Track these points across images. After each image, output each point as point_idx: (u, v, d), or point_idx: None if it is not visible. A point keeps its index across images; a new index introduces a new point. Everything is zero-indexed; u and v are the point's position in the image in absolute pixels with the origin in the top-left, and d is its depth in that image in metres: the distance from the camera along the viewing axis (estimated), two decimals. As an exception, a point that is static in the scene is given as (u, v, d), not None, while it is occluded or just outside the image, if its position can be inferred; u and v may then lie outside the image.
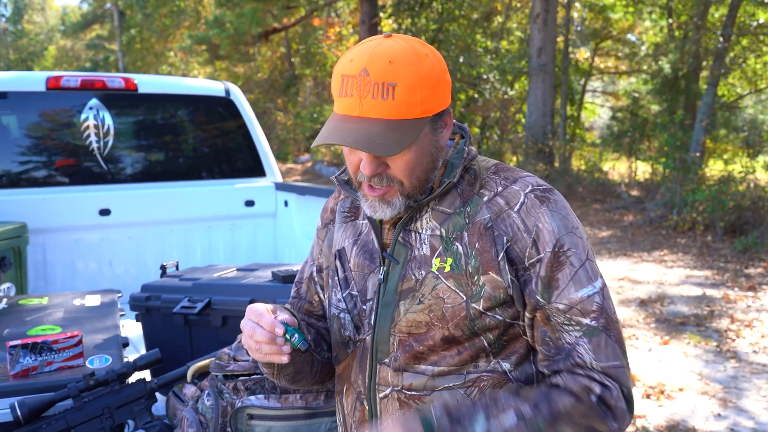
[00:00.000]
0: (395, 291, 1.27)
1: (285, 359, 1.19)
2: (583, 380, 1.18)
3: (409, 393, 1.26)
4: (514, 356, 1.26)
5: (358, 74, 1.17)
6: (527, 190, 1.25)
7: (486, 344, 1.24)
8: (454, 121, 1.38)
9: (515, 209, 1.23)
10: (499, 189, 1.26)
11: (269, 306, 1.23)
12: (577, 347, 1.19)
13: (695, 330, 6.07)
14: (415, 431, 1.13)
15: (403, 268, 1.27)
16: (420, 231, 1.28)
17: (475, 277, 1.21)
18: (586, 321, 1.19)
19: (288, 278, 2.33)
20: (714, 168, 14.32)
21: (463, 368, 1.24)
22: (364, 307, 1.32)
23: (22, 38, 44.54)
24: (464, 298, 1.21)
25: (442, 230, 1.26)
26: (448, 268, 1.23)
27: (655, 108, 17.70)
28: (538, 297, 1.21)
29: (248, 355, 1.93)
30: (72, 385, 1.92)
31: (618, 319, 1.25)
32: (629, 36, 20.37)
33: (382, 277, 1.29)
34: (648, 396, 4.65)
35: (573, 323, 1.20)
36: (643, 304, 6.95)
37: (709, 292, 7.34)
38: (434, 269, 1.24)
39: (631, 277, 8.12)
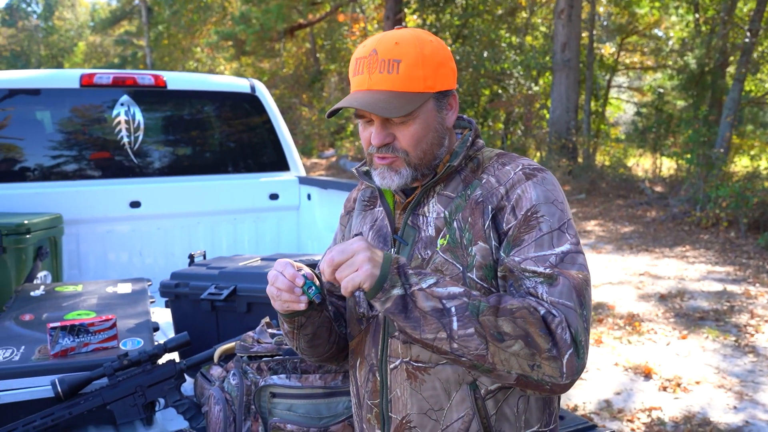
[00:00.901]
0: None
1: (302, 306, 1.31)
2: (531, 301, 1.23)
3: (416, 364, 1.36)
4: None
5: (369, 54, 1.33)
6: (518, 169, 1.36)
7: None
8: (464, 116, 1.50)
9: (503, 184, 1.34)
10: (495, 171, 1.37)
11: (296, 262, 1.35)
12: (535, 289, 1.25)
13: (714, 325, 6.09)
14: (377, 254, 1.24)
15: (411, 248, 1.38)
16: (427, 215, 1.39)
17: (469, 249, 1.32)
18: (540, 269, 1.25)
19: (309, 266, 2.44)
20: (739, 164, 14.19)
21: None
22: None
23: (52, 34, 45.25)
24: (461, 268, 1.32)
25: (446, 213, 1.37)
26: (445, 243, 1.34)
27: (680, 104, 17.55)
28: (501, 252, 1.30)
29: (271, 338, 2.05)
30: (107, 365, 2.06)
31: (584, 278, 1.27)
32: (656, 31, 20.20)
33: None
34: (664, 389, 4.70)
35: (528, 272, 1.26)
36: (662, 298, 6.98)
37: (730, 287, 7.33)
38: (438, 248, 1.35)
39: (651, 273, 8.13)
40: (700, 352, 5.40)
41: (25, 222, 3.16)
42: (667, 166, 16.12)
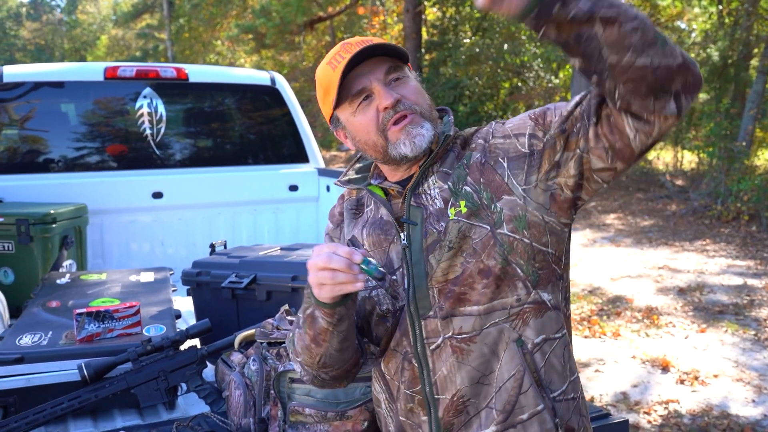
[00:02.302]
0: (421, 249, 1.37)
1: (359, 285, 1.24)
2: None
3: (460, 337, 1.36)
4: (549, 285, 1.38)
5: (341, 47, 1.40)
6: (492, 124, 1.45)
7: (520, 271, 1.34)
8: (439, 106, 1.56)
9: (491, 137, 1.41)
10: (478, 139, 1.44)
11: None
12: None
13: (733, 319, 6.06)
14: None
15: (422, 226, 1.38)
16: (429, 191, 1.41)
17: (492, 206, 1.34)
18: (577, 97, 1.32)
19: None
20: (762, 157, 14.04)
21: (506, 301, 1.35)
22: (394, 277, 1.42)
23: (75, 28, 45.70)
24: (488, 227, 1.34)
25: (449, 184, 1.39)
26: (464, 209, 1.35)
27: (703, 96, 17.37)
28: (545, 142, 1.34)
29: (290, 325, 2.10)
30: (131, 350, 2.11)
31: None
32: (680, 23, 19.97)
33: (405, 242, 1.40)
34: (682, 382, 4.70)
35: (573, 106, 1.31)
36: (681, 292, 6.95)
37: (751, 281, 7.29)
38: (452, 217, 1.36)
39: (671, 266, 8.09)
40: (719, 346, 5.39)
41: (51, 212, 3.24)
42: (689, 159, 16.00)
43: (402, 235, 1.40)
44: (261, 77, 4.25)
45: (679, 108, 1.17)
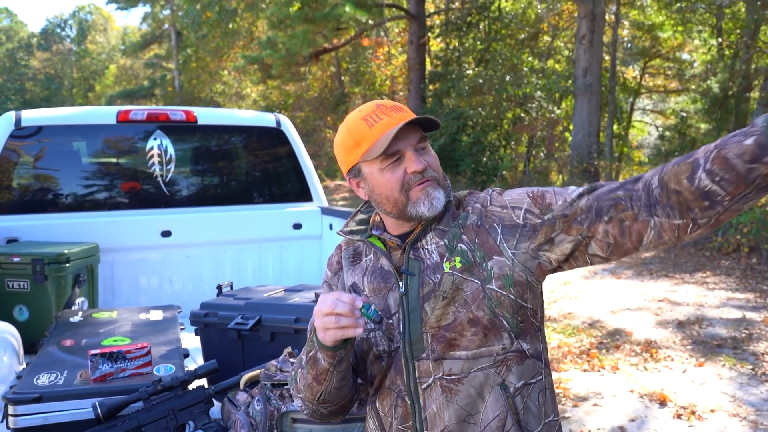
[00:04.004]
0: (418, 297, 1.53)
1: (359, 331, 1.40)
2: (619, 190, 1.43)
3: (449, 378, 1.51)
4: (528, 336, 1.54)
5: (376, 107, 1.57)
6: (489, 191, 1.61)
7: (505, 323, 1.50)
8: None
9: (488, 204, 1.57)
10: (474, 203, 1.60)
11: None
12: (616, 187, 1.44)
13: (731, 353, 6.13)
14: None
15: (419, 277, 1.54)
16: (426, 246, 1.57)
17: (483, 264, 1.51)
18: (579, 189, 1.49)
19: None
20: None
21: (492, 349, 1.50)
22: (390, 321, 1.58)
23: (85, 58, 46.32)
24: (479, 282, 1.50)
25: (445, 240, 1.55)
26: (459, 265, 1.52)
27: (704, 127, 17.54)
28: (544, 220, 1.49)
29: (293, 365, 2.21)
30: (142, 390, 2.23)
31: None
32: (683, 55, 20.21)
33: (403, 290, 1.55)
34: (679, 416, 4.77)
35: (576, 196, 1.47)
36: (680, 325, 7.02)
37: (750, 315, 7.36)
38: (447, 270, 1.52)
39: (671, 299, 8.16)
40: (716, 380, 5.46)
41: (65, 252, 3.38)
42: (691, 190, 16.08)
43: (400, 283, 1.56)
44: (267, 119, 4.41)
45: None
